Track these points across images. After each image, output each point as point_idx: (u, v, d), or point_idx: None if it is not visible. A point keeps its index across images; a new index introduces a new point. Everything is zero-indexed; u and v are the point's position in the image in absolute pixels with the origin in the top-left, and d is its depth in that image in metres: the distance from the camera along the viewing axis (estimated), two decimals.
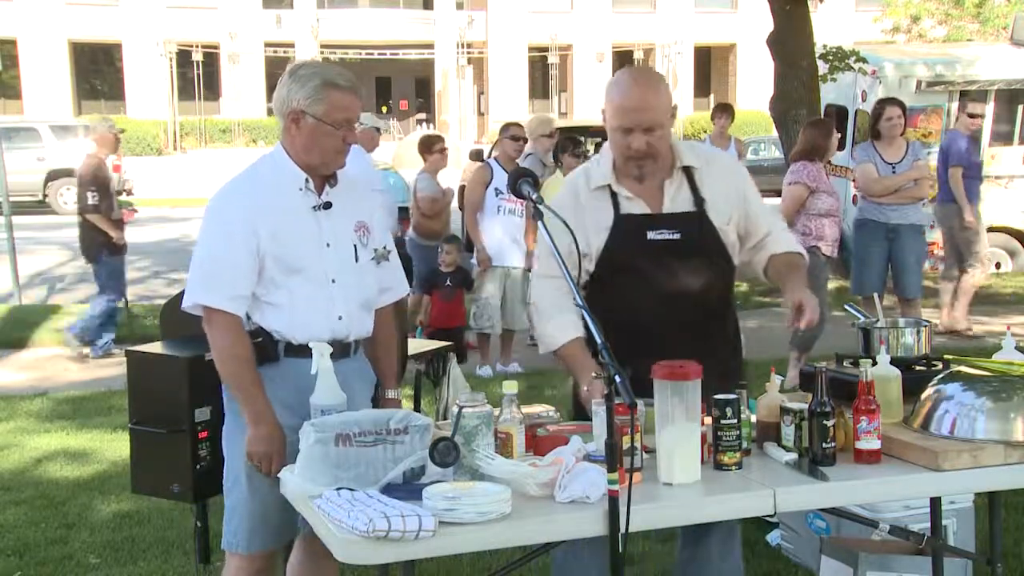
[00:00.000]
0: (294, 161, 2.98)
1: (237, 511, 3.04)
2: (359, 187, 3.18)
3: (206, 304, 2.92)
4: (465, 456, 2.52)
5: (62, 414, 6.94)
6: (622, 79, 3.05)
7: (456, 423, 2.55)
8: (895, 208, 7.18)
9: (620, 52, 40.21)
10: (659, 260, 3.01)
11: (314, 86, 2.90)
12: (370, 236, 3.12)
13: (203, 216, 3.02)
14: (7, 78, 35.03)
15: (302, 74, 2.93)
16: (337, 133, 2.92)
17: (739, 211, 3.14)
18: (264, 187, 2.98)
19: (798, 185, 6.75)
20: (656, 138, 2.97)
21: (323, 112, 2.90)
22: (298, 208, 2.98)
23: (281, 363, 2.98)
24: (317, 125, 2.91)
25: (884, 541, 3.52)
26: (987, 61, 11.53)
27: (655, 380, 2.61)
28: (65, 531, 4.86)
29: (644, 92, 2.98)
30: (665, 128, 3.00)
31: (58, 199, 21.43)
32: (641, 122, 2.95)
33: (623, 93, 2.99)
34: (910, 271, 7.25)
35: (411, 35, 39.67)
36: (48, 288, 12.52)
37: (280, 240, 2.93)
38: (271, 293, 2.96)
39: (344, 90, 2.91)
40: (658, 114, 2.97)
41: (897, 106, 7.34)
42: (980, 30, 25.30)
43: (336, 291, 3.01)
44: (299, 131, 2.94)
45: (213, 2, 37.43)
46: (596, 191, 3.07)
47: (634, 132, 2.96)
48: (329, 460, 2.55)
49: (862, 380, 2.74)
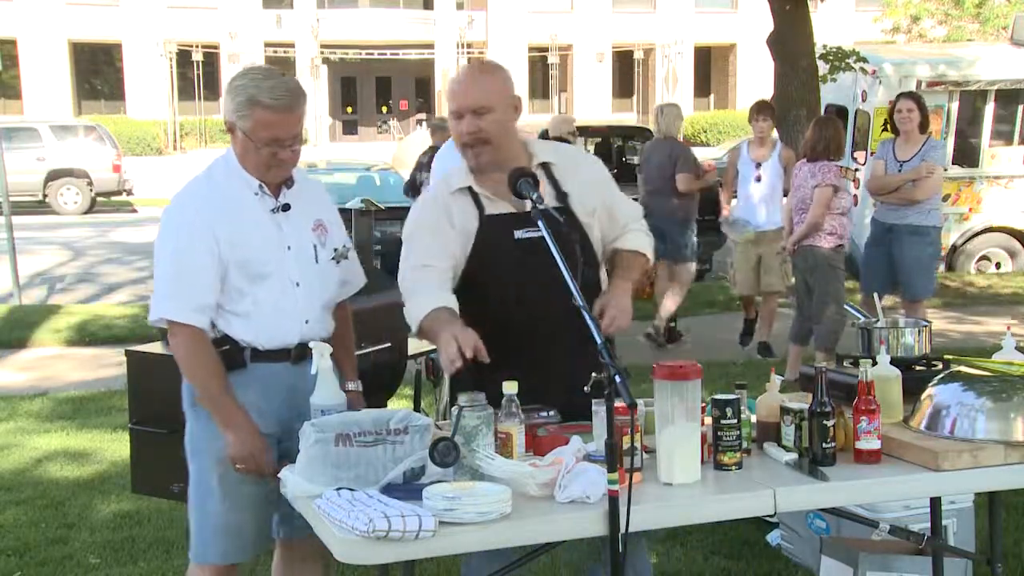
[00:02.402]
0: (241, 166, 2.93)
1: (209, 522, 2.97)
2: (314, 186, 3.13)
3: (172, 318, 2.86)
4: (465, 456, 2.51)
5: (62, 414, 6.94)
6: (458, 71, 3.04)
7: (456, 423, 2.54)
8: (893, 208, 7.12)
9: (620, 52, 40.21)
10: (529, 258, 2.95)
11: (240, 101, 2.82)
12: (328, 235, 3.07)
13: (161, 224, 2.95)
14: (7, 78, 35.02)
15: (235, 85, 2.86)
16: (262, 151, 2.85)
17: (601, 202, 3.10)
18: (221, 193, 2.92)
19: (827, 187, 6.75)
20: (488, 122, 2.92)
21: (248, 128, 2.83)
22: (257, 212, 2.92)
23: (248, 369, 2.93)
24: (244, 139, 2.86)
25: (884, 541, 3.52)
26: (987, 61, 11.53)
27: (655, 380, 2.61)
28: (65, 531, 4.86)
29: (474, 75, 2.98)
30: (498, 113, 2.93)
31: (58, 199, 21.42)
32: (469, 104, 2.90)
33: (455, 80, 2.99)
34: (908, 272, 7.14)
35: (411, 35, 39.66)
36: (48, 288, 12.52)
37: (242, 247, 2.88)
38: (235, 302, 2.90)
39: (269, 108, 2.80)
40: (487, 96, 2.92)
41: (911, 99, 7.16)
42: (980, 30, 25.31)
43: (301, 294, 2.97)
44: (235, 142, 2.91)
45: (213, 2, 37.42)
46: (457, 194, 3.01)
47: (464, 116, 2.92)
48: (329, 460, 2.55)
49: (862, 380, 2.74)
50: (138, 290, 12.20)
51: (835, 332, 6.91)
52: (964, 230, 11.54)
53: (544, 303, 2.93)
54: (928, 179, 7.03)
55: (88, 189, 21.49)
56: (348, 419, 2.65)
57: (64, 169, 21.31)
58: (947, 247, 11.51)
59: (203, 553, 3.00)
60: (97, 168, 21.41)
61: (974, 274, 11.58)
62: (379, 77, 42.62)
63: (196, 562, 3.04)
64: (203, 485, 2.97)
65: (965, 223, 11.52)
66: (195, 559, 3.03)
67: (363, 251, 6.77)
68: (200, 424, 2.97)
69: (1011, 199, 11.46)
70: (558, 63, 39.59)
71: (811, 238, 6.90)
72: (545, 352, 2.96)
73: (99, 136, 21.98)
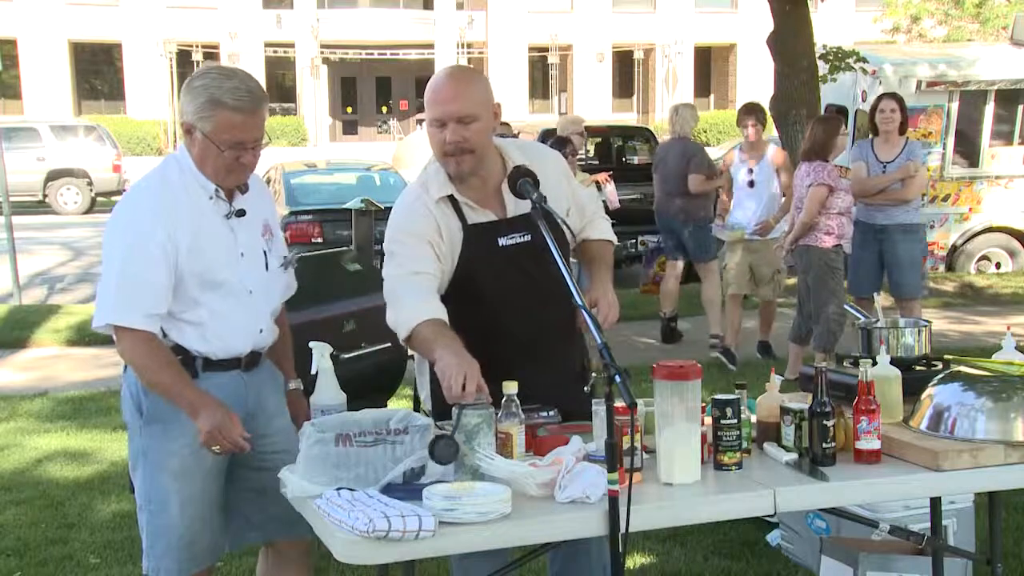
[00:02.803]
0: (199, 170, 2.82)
1: (164, 536, 2.88)
2: (259, 186, 3.03)
3: (120, 324, 2.74)
4: (466, 455, 2.51)
5: (62, 414, 6.94)
6: (437, 76, 2.97)
7: (457, 421, 2.53)
8: (880, 209, 7.12)
9: (620, 52, 40.22)
10: (514, 265, 2.95)
11: (201, 102, 2.73)
12: (274, 239, 3.01)
13: (110, 223, 2.82)
14: (7, 78, 35.00)
15: (195, 86, 2.76)
16: (224, 154, 2.75)
17: (571, 198, 3.10)
18: (175, 196, 2.79)
19: (821, 186, 6.74)
20: (473, 131, 2.87)
21: (210, 130, 2.74)
22: (211, 218, 2.83)
23: (200, 379, 2.84)
24: (205, 142, 2.76)
25: (884, 541, 3.52)
26: (987, 61, 11.52)
27: (655, 380, 2.61)
28: (65, 531, 4.86)
29: (456, 84, 2.91)
30: (482, 122, 2.90)
31: (58, 199, 21.43)
32: (453, 113, 2.85)
33: (436, 88, 2.91)
34: (901, 271, 7.16)
35: (411, 35, 39.67)
36: (48, 288, 12.52)
37: (198, 254, 2.78)
38: (189, 311, 2.81)
39: (232, 109, 2.71)
40: (472, 105, 2.87)
41: (893, 99, 7.19)
42: (980, 30, 25.30)
43: (255, 302, 2.91)
44: (192, 143, 2.80)
45: (213, 2, 37.43)
46: (439, 203, 2.96)
47: (448, 124, 2.86)
48: (329, 460, 2.55)
49: (862, 380, 2.74)
50: None
51: (833, 332, 6.90)
52: (964, 230, 11.54)
53: (528, 308, 2.95)
54: (916, 178, 7.08)
55: (88, 189, 21.49)
56: (348, 419, 2.65)
57: (64, 169, 21.31)
58: (947, 247, 11.53)
59: (159, 567, 2.91)
60: (97, 168, 21.41)
61: (974, 274, 11.58)
62: (379, 77, 42.63)
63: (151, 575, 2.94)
64: (158, 502, 2.87)
65: (965, 223, 11.51)
66: (150, 572, 2.93)
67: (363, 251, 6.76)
68: (154, 440, 2.86)
69: (1011, 199, 11.46)
70: (558, 63, 39.60)
71: (809, 238, 6.89)
72: (539, 357, 2.97)
73: (99, 136, 21.99)
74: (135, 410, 2.91)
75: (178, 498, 2.86)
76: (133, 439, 2.95)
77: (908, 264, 7.17)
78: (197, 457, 2.84)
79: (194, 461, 2.86)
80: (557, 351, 2.99)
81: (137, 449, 2.93)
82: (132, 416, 2.93)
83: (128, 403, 2.94)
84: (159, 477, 2.87)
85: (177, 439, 2.84)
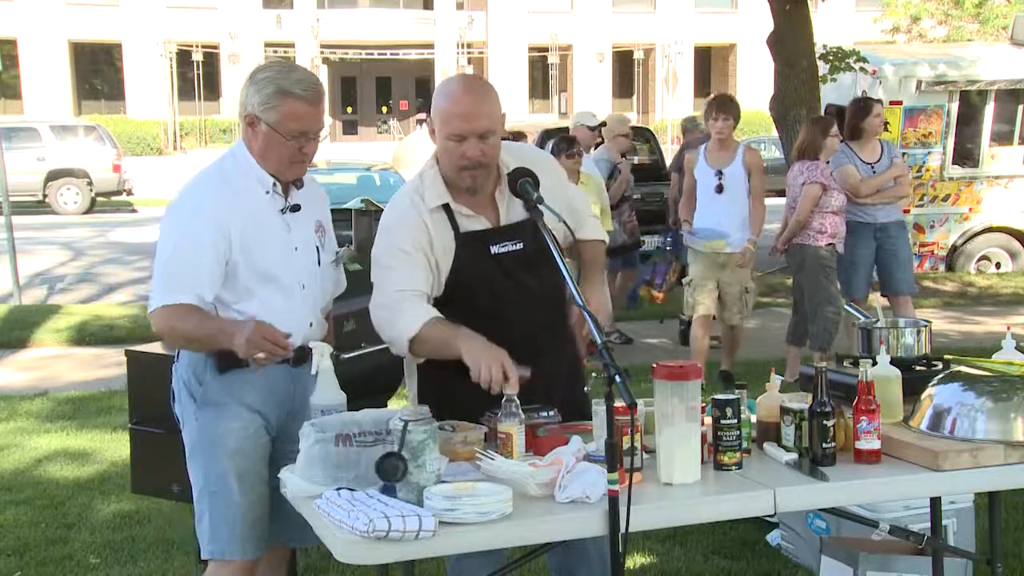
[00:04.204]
0: (257, 163, 2.88)
1: (228, 519, 2.90)
2: (315, 187, 3.10)
3: (168, 303, 2.80)
4: (411, 472, 2.43)
5: (62, 414, 6.94)
6: (452, 87, 2.95)
7: (402, 438, 2.43)
8: (880, 207, 7.18)
9: (620, 52, 40.22)
10: (506, 273, 2.96)
11: (268, 93, 2.80)
12: (327, 237, 3.07)
13: (166, 217, 2.90)
14: (7, 78, 35.02)
15: (260, 78, 2.83)
16: (289, 144, 2.83)
17: (564, 201, 3.07)
18: (232, 189, 2.87)
19: (814, 184, 6.75)
20: (490, 145, 2.89)
21: (275, 120, 2.80)
22: (267, 211, 2.90)
23: (251, 368, 2.86)
24: (270, 133, 2.83)
25: (884, 541, 3.52)
26: (987, 61, 11.53)
27: (655, 380, 2.61)
28: (65, 531, 4.86)
29: (476, 99, 2.89)
30: (497, 135, 2.92)
31: (58, 199, 21.43)
32: (476, 129, 2.85)
33: (453, 100, 2.89)
34: (902, 267, 7.24)
35: (411, 35, 39.67)
36: (48, 288, 12.52)
37: (253, 246, 2.84)
38: (243, 302, 2.87)
39: (299, 99, 2.80)
40: (491, 121, 2.88)
41: (879, 105, 7.40)
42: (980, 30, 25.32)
43: (307, 297, 2.97)
44: (255, 136, 2.86)
45: (213, 2, 37.43)
46: (433, 212, 2.96)
47: (468, 139, 2.86)
48: (329, 460, 2.55)
49: (862, 380, 2.74)
50: (138, 290, 12.20)
51: (829, 332, 6.89)
52: (964, 230, 11.54)
53: (519, 315, 2.96)
54: (906, 175, 7.42)
55: (88, 189, 21.50)
56: (348, 419, 2.65)
57: (64, 169, 21.32)
58: (947, 247, 11.53)
59: (224, 549, 2.92)
60: (97, 168, 21.42)
61: (974, 274, 11.58)
62: (379, 77, 42.63)
63: (218, 558, 2.94)
64: (218, 481, 2.91)
65: (965, 223, 11.52)
66: (217, 555, 2.94)
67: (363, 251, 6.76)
68: (206, 420, 2.92)
69: (1011, 199, 11.46)
70: (558, 63, 39.60)
71: (802, 236, 6.90)
72: (531, 362, 2.96)
73: (99, 136, 21.99)
74: (188, 397, 2.95)
75: (236, 475, 2.90)
76: (189, 429, 2.98)
77: (906, 260, 7.32)
78: (251, 439, 2.91)
79: (248, 443, 2.92)
80: (547, 356, 2.99)
81: (193, 437, 2.97)
82: (185, 404, 2.97)
83: (182, 394, 2.98)
84: (217, 456, 2.90)
85: (231, 421, 2.90)
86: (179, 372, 3.00)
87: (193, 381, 2.95)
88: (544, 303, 3.01)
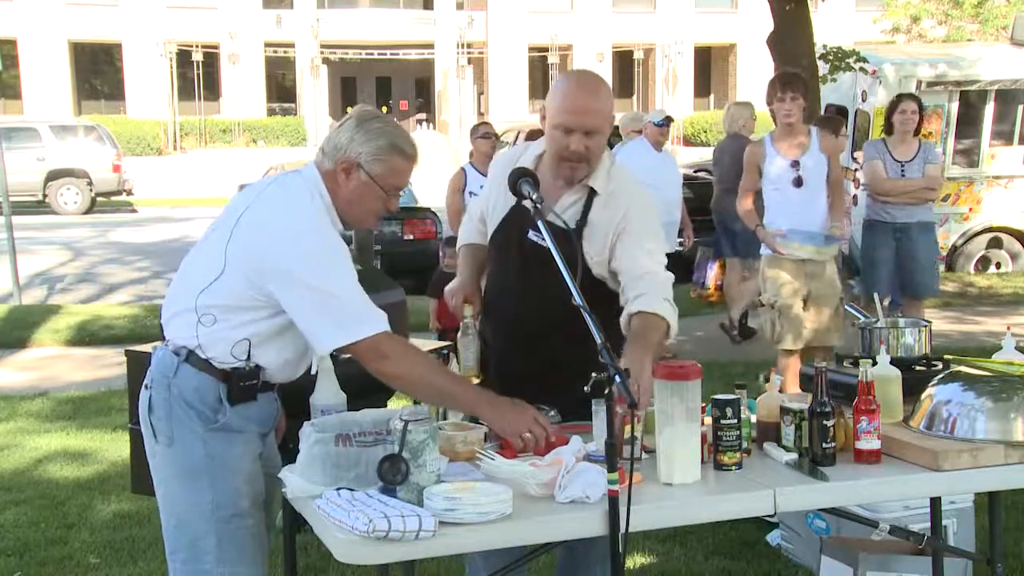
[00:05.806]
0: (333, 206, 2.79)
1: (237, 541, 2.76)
2: None
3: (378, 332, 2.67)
4: (412, 473, 2.42)
5: (62, 414, 6.94)
6: (569, 81, 3.03)
7: (402, 439, 2.42)
8: (900, 207, 7.11)
9: (620, 52, 40.21)
10: (529, 261, 3.03)
11: (380, 145, 2.72)
12: None
13: (307, 244, 2.67)
14: (7, 78, 35.01)
15: (372, 128, 2.74)
16: (384, 197, 2.80)
17: (612, 246, 3.01)
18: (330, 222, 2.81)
19: None
20: (594, 143, 2.94)
21: (379, 173, 2.74)
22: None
23: (257, 400, 2.78)
24: (370, 184, 2.76)
25: (884, 541, 3.52)
26: (987, 61, 11.53)
27: (655, 380, 2.61)
28: (65, 531, 4.86)
29: (589, 97, 2.95)
30: (603, 135, 2.96)
31: (58, 199, 21.43)
32: (583, 124, 2.91)
33: (567, 93, 2.96)
34: (921, 270, 7.13)
35: (411, 35, 39.66)
36: (48, 288, 12.52)
37: None
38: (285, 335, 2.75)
39: (407, 158, 2.78)
40: (599, 119, 2.93)
41: (913, 101, 7.16)
42: (980, 30, 25.31)
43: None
44: (347, 182, 2.76)
45: (213, 2, 37.42)
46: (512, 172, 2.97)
47: (574, 133, 2.91)
48: (329, 460, 2.55)
49: (862, 380, 2.74)
50: (138, 290, 12.21)
51: None
52: (964, 230, 11.54)
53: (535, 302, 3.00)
54: (934, 186, 7.19)
55: (88, 189, 21.50)
56: (348, 419, 2.65)
57: (64, 169, 21.32)
58: (947, 247, 11.52)
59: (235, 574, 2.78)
60: (97, 168, 21.42)
61: (974, 274, 11.58)
62: (379, 77, 42.62)
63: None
64: (230, 505, 2.74)
65: (965, 223, 11.52)
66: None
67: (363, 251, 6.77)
68: (219, 447, 2.74)
69: (1011, 199, 11.46)
70: (558, 63, 39.56)
71: None
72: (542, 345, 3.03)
73: (99, 136, 21.99)
74: (194, 419, 2.75)
75: (250, 500, 2.79)
76: (184, 449, 2.76)
77: (928, 262, 7.18)
78: (257, 462, 2.82)
79: (257, 466, 2.82)
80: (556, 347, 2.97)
81: (195, 459, 2.76)
82: (183, 423, 2.76)
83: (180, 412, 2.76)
84: (232, 481, 2.76)
85: (243, 444, 2.77)
86: (176, 389, 2.76)
87: (201, 404, 2.75)
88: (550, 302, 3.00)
